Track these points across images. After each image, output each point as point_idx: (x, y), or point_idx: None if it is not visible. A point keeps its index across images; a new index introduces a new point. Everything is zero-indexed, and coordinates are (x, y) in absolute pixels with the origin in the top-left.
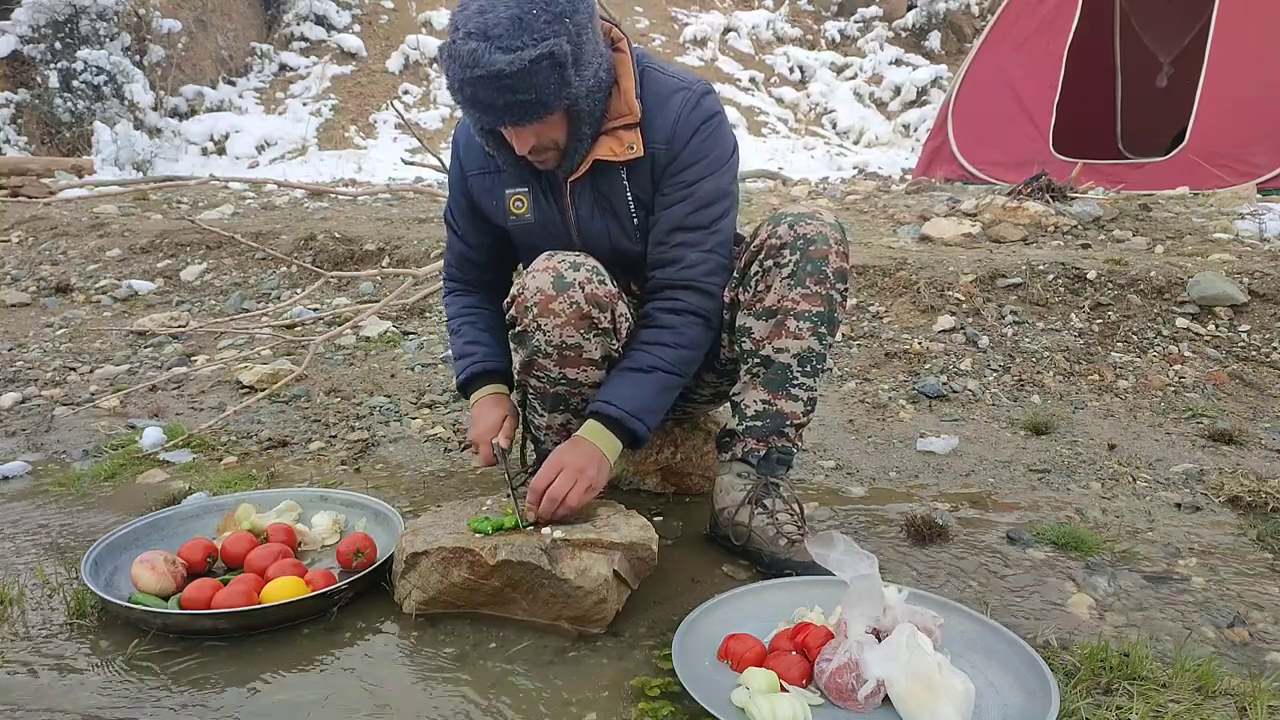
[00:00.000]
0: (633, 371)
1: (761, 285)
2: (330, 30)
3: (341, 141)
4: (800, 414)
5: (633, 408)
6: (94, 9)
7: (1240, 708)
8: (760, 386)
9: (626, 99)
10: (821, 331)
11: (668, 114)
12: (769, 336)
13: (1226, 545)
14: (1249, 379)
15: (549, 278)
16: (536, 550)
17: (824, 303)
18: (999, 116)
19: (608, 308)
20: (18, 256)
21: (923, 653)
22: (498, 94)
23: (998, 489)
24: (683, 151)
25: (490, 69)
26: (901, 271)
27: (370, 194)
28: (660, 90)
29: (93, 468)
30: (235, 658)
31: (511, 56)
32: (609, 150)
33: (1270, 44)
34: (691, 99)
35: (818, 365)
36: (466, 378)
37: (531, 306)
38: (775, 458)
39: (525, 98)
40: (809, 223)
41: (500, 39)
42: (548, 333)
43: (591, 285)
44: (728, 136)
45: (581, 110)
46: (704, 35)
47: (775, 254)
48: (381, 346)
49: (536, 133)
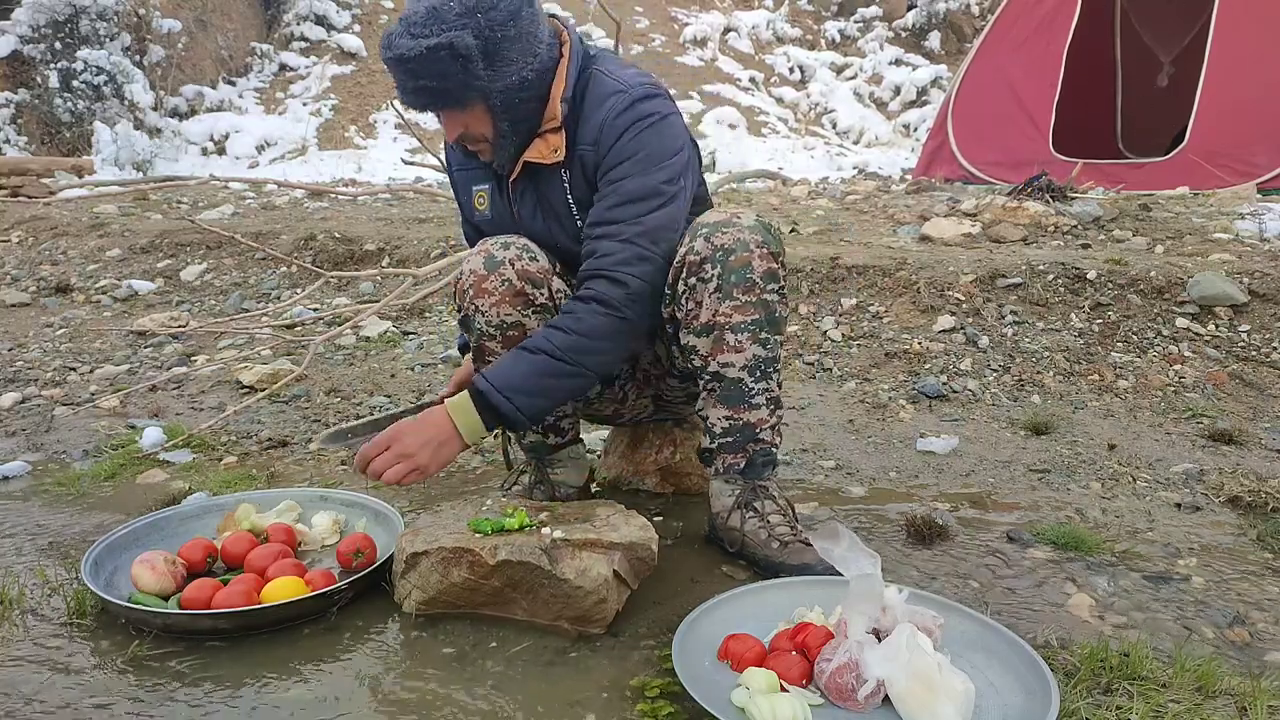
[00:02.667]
0: (520, 350)
1: (691, 302)
2: (330, 30)
3: (341, 141)
4: (767, 417)
5: (501, 383)
6: (94, 9)
7: (1240, 708)
8: (719, 404)
9: (552, 103)
10: (764, 336)
11: (599, 116)
12: (712, 352)
13: (1226, 545)
14: (1249, 379)
15: (480, 259)
16: (536, 550)
17: (758, 309)
18: (999, 116)
19: (542, 284)
20: (18, 256)
21: (923, 653)
22: (406, 77)
23: (998, 489)
24: (609, 152)
25: (394, 52)
26: (901, 271)
27: (370, 194)
28: (599, 93)
29: (93, 468)
30: (235, 658)
31: (413, 43)
32: (537, 153)
33: (1270, 44)
34: (624, 101)
35: (768, 369)
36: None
37: (467, 289)
38: (758, 462)
39: (427, 84)
40: (725, 231)
41: (413, 26)
42: (486, 313)
43: (522, 262)
44: (667, 137)
45: (496, 106)
46: (704, 35)
47: (697, 270)
48: (381, 346)
49: (463, 123)
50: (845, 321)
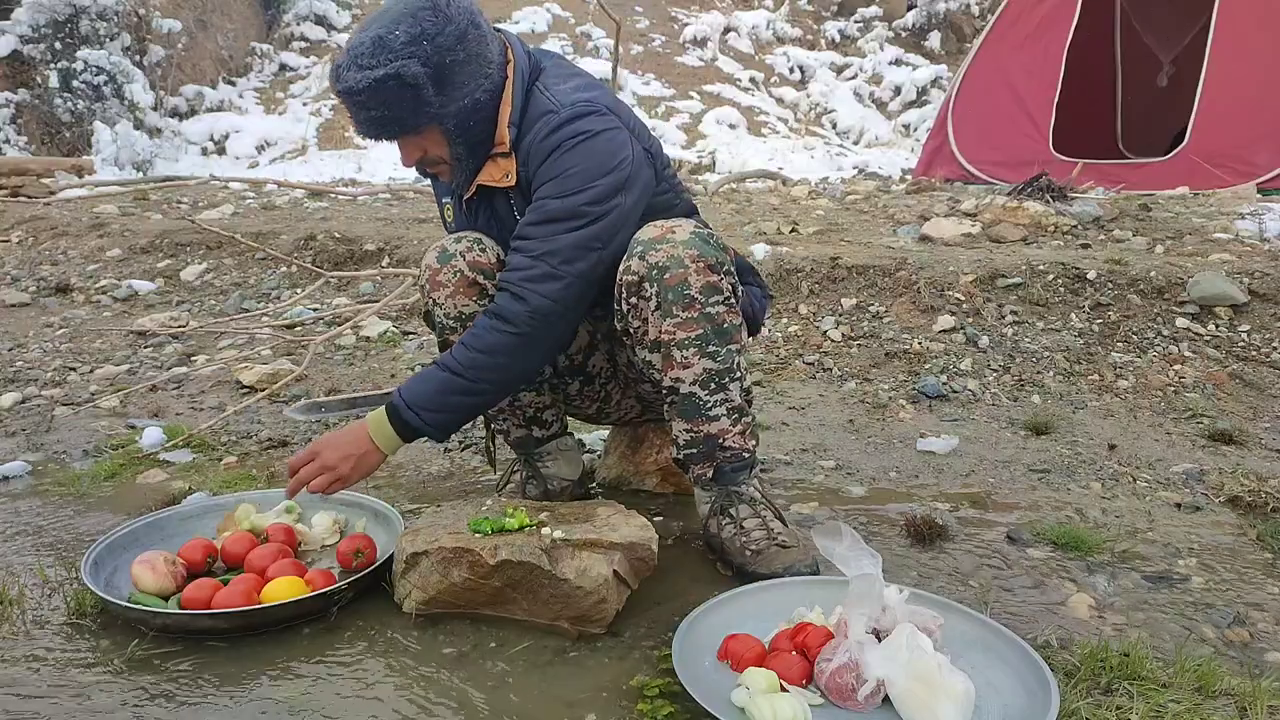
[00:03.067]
0: (433, 365)
1: (637, 320)
2: (330, 30)
3: (341, 141)
4: (729, 426)
5: (411, 399)
6: (94, 9)
7: (1240, 708)
8: (679, 417)
9: (500, 127)
10: (711, 350)
11: (531, 136)
12: (664, 368)
13: (1226, 545)
14: (1249, 379)
15: (435, 254)
16: (536, 550)
17: (700, 324)
18: (999, 116)
19: (492, 274)
20: (18, 256)
21: (923, 653)
22: (356, 109)
23: (998, 489)
24: (535, 172)
25: (343, 85)
26: (901, 271)
27: (370, 194)
28: (534, 113)
29: (93, 468)
30: (235, 658)
31: (361, 75)
32: (489, 176)
33: (1270, 44)
34: (553, 122)
35: (724, 379)
36: None
37: (425, 284)
38: (727, 469)
39: (378, 114)
40: (658, 249)
41: (360, 58)
42: (443, 305)
43: (473, 253)
44: (595, 157)
45: (450, 130)
46: (704, 35)
47: (636, 289)
48: (381, 346)
49: (420, 147)
50: (845, 321)
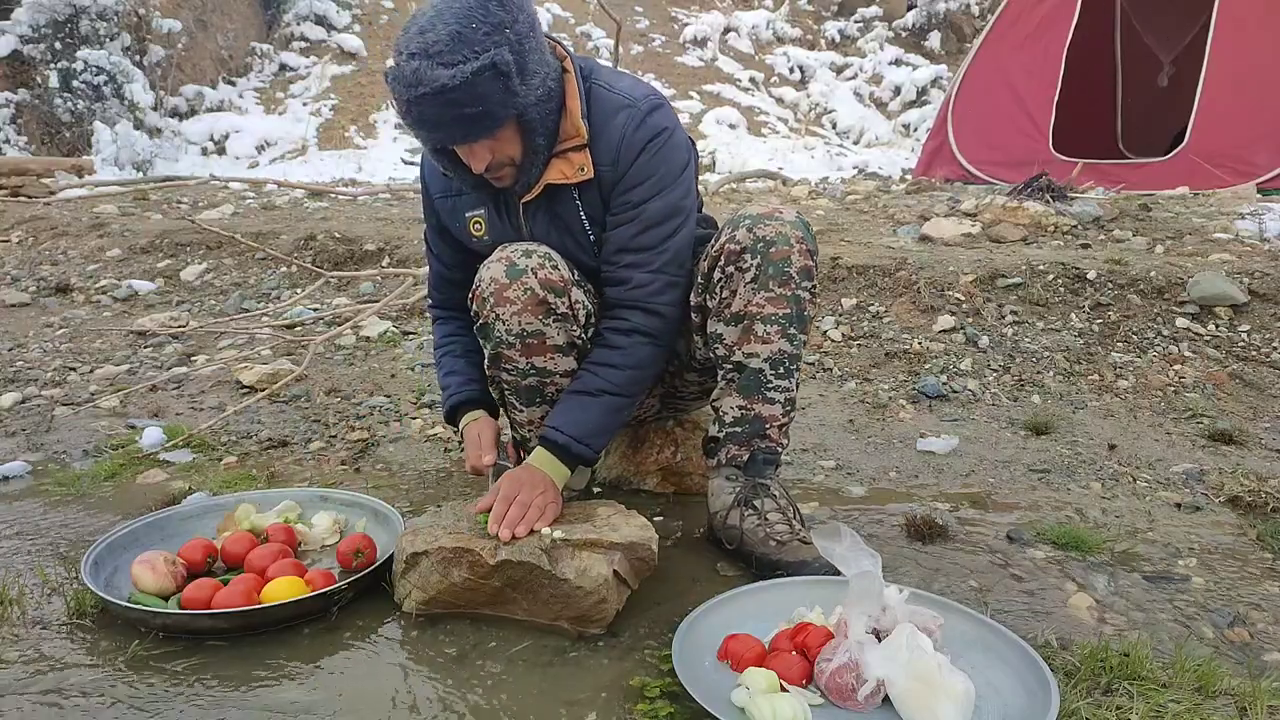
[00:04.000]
0: (581, 395)
1: (726, 291)
2: (330, 30)
3: (341, 141)
4: (780, 415)
5: (578, 432)
6: (94, 9)
7: (1240, 708)
8: (736, 392)
9: (573, 120)
10: (791, 332)
11: (612, 134)
12: (739, 342)
13: (1226, 545)
14: (1249, 379)
15: (502, 267)
16: (536, 550)
17: (790, 304)
18: (999, 116)
19: (563, 293)
20: (18, 256)
21: (923, 653)
22: (444, 110)
23: (998, 489)
24: (628, 172)
25: (434, 85)
26: (901, 271)
27: (370, 194)
28: (605, 108)
29: (93, 468)
30: (235, 658)
31: (454, 70)
32: (559, 173)
33: (1270, 44)
34: (636, 117)
35: (791, 366)
36: (448, 410)
37: (488, 297)
38: (761, 459)
39: (472, 111)
40: (767, 224)
41: (441, 55)
42: (506, 321)
43: (544, 270)
44: (678, 151)
45: (532, 120)
46: (704, 35)
47: (736, 259)
48: (381, 346)
49: (491, 149)
50: (845, 321)
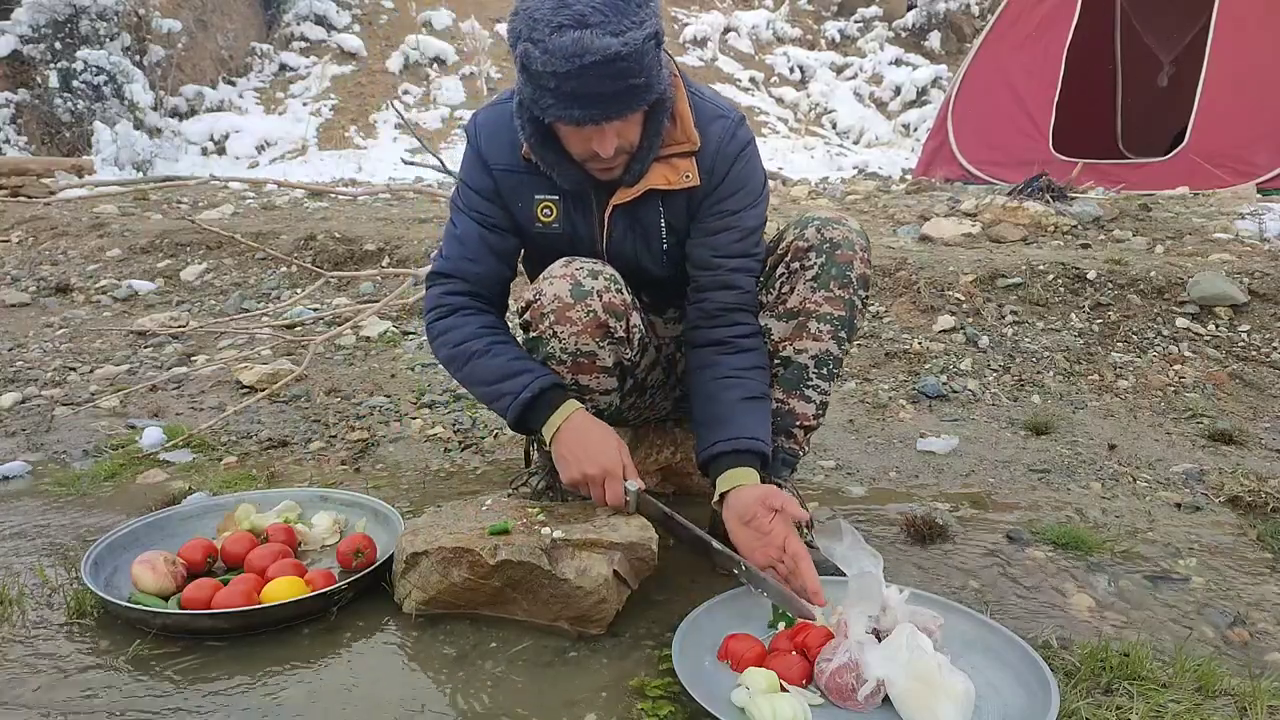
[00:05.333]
0: (753, 401)
1: (786, 287)
2: (330, 30)
3: (341, 141)
4: (811, 416)
5: (768, 437)
6: (94, 9)
7: (1240, 708)
8: (776, 385)
9: (684, 126)
10: (841, 335)
11: (709, 142)
12: (789, 338)
13: (1226, 545)
14: (1249, 379)
15: (567, 285)
16: (536, 550)
17: (846, 307)
18: (999, 116)
19: (623, 317)
20: (18, 256)
21: (923, 653)
22: (609, 80)
23: (998, 489)
24: (723, 181)
25: (605, 53)
26: (901, 271)
27: (370, 194)
28: (701, 117)
29: (93, 468)
30: (235, 658)
31: (624, 38)
32: (663, 179)
33: (1270, 44)
34: (730, 128)
35: (834, 369)
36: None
37: (549, 313)
38: (780, 459)
39: (637, 81)
40: (835, 227)
41: (603, 24)
42: (563, 340)
43: (609, 294)
44: (760, 164)
45: (666, 102)
46: (704, 35)
47: (801, 256)
48: (381, 346)
49: (620, 132)
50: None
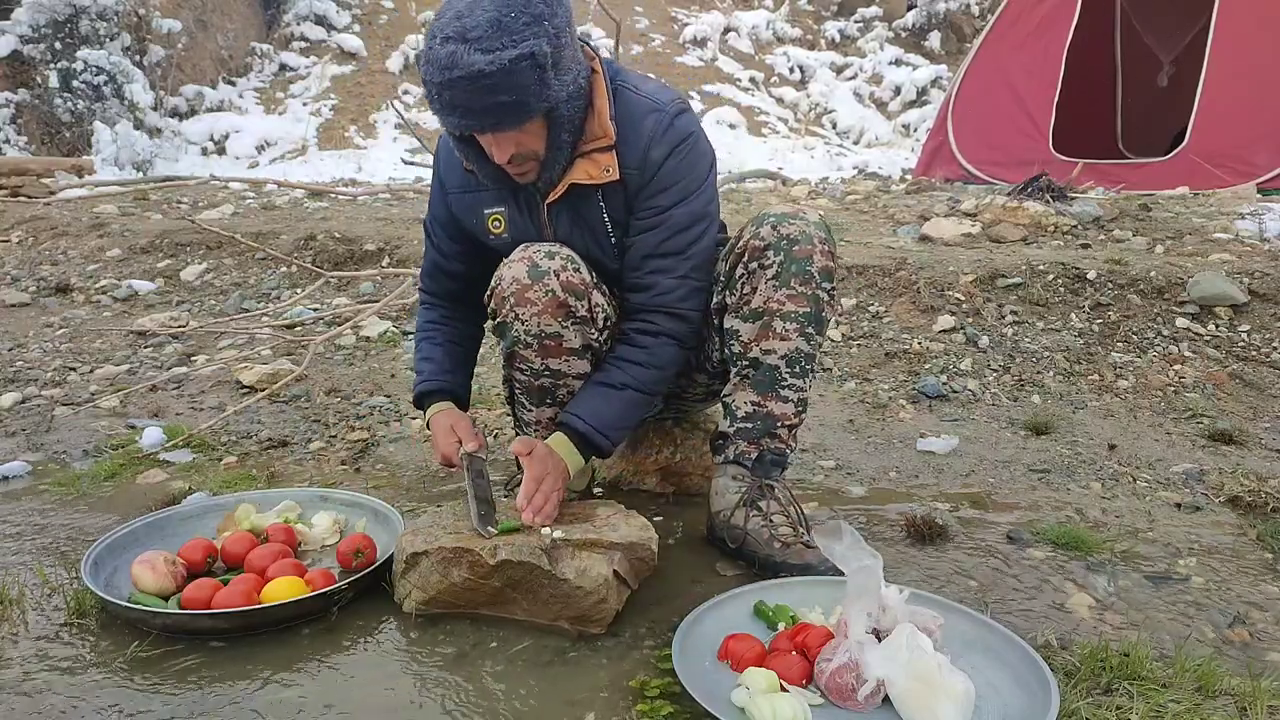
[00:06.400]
0: (604, 387)
1: (747, 288)
2: (330, 30)
3: (341, 141)
4: (791, 415)
5: (599, 423)
6: (94, 9)
7: (1240, 708)
8: (750, 388)
9: (601, 120)
10: (809, 332)
11: (639, 137)
12: (756, 339)
13: (1226, 545)
14: (1249, 379)
15: (524, 267)
16: (536, 550)
17: (810, 303)
18: (999, 116)
19: (584, 295)
20: (18, 256)
21: (923, 653)
22: (477, 96)
23: (998, 489)
24: (654, 176)
25: (470, 69)
26: (901, 271)
27: (370, 194)
28: (633, 111)
29: (93, 468)
30: (235, 658)
31: (491, 56)
32: (585, 174)
33: (1270, 44)
34: (664, 121)
35: (807, 365)
36: (416, 396)
37: (508, 296)
38: (769, 459)
39: (506, 99)
40: (791, 222)
41: (479, 40)
42: (525, 322)
43: (566, 273)
44: (703, 157)
45: (562, 116)
46: (704, 35)
47: (759, 255)
48: (381, 346)
49: (516, 141)
50: (845, 321)
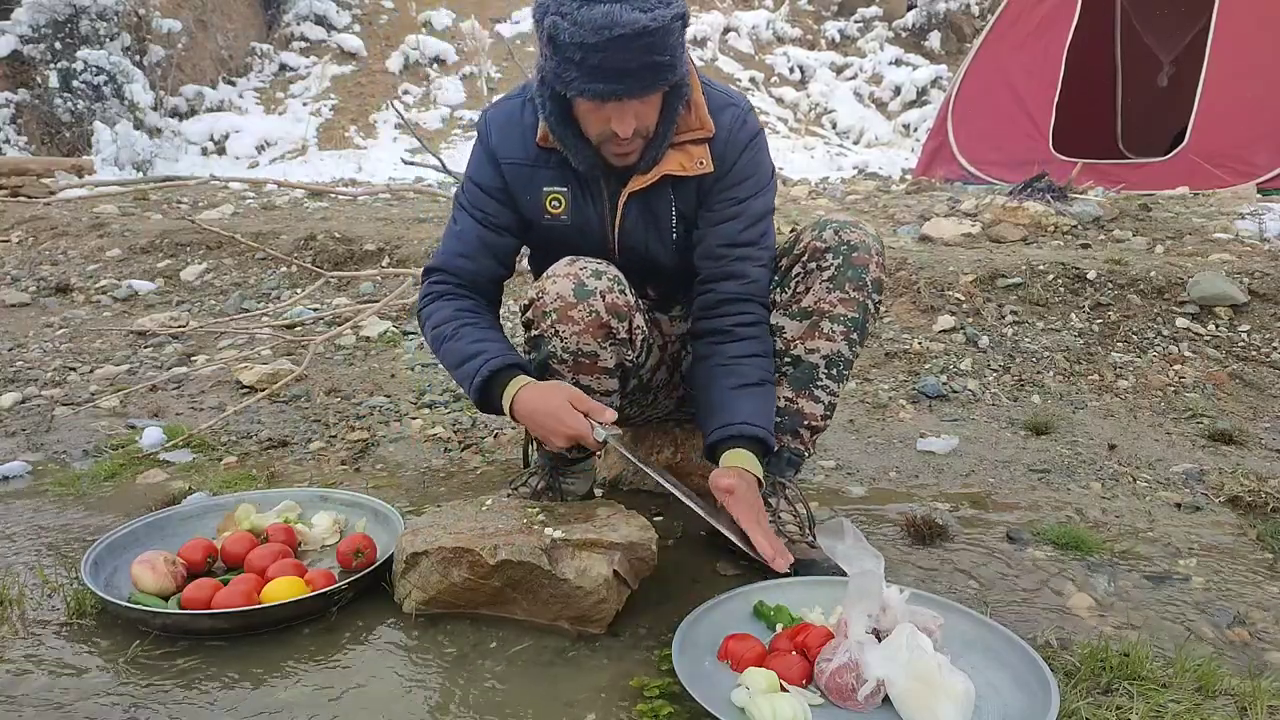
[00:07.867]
0: (748, 388)
1: (801, 287)
2: (330, 30)
3: (341, 141)
4: (819, 416)
5: (767, 424)
6: (94, 9)
7: (1240, 708)
8: (785, 384)
9: (699, 113)
10: (853, 337)
11: (721, 130)
12: (801, 337)
13: (1226, 545)
14: (1249, 379)
15: (570, 284)
16: (536, 550)
17: (859, 309)
18: (999, 116)
19: (626, 318)
20: (18, 256)
21: (923, 653)
22: (635, 55)
23: (998, 489)
24: (732, 169)
25: (633, 26)
26: (901, 271)
27: (370, 194)
28: (713, 105)
29: (93, 468)
30: (235, 658)
31: (652, 14)
32: (679, 165)
33: (1270, 44)
34: (739, 116)
35: (844, 370)
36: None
37: (550, 312)
38: (786, 458)
39: (661, 59)
40: (853, 230)
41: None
42: (565, 339)
43: (612, 295)
44: (768, 153)
45: (684, 86)
46: (704, 35)
47: (818, 257)
48: (381, 346)
49: (641, 114)
50: None
